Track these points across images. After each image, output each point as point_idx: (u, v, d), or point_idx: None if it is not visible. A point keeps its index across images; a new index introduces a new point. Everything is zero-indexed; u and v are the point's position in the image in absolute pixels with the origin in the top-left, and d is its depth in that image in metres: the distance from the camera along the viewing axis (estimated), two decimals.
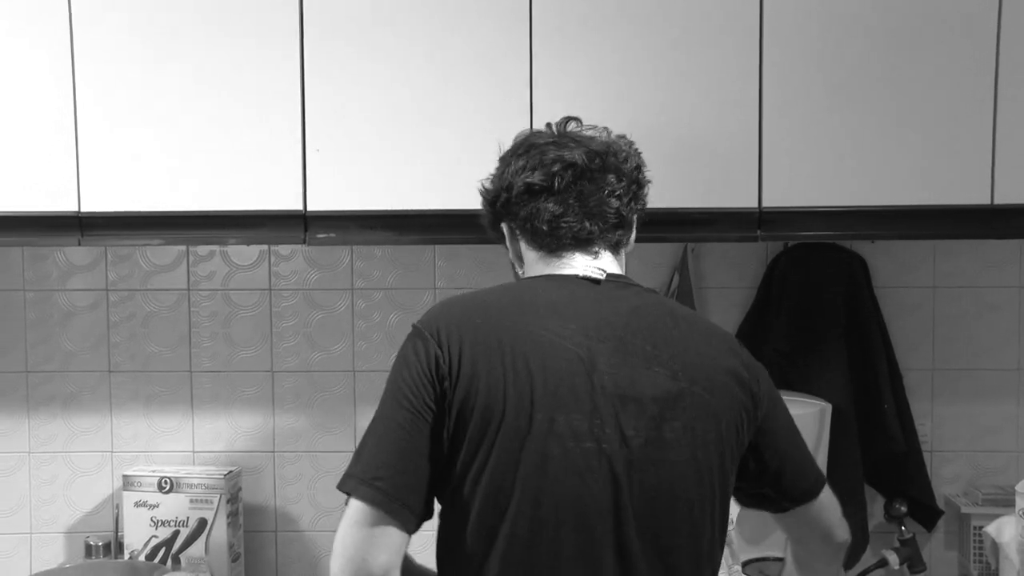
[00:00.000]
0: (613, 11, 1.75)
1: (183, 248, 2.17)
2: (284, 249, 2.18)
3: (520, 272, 1.45)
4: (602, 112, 1.75)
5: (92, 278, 2.18)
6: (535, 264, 1.41)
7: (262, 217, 1.78)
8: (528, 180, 1.38)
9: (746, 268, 2.17)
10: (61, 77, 1.76)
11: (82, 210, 1.77)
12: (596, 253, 1.40)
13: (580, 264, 1.38)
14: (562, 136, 1.42)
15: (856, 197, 1.77)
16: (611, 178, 1.39)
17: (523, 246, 1.43)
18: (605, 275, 1.37)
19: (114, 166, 1.77)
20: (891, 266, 2.16)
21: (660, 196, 1.77)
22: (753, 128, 1.76)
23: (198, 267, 2.18)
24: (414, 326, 1.32)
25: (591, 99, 1.76)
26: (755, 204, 1.77)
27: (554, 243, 1.39)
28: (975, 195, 1.76)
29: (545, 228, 1.38)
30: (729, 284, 2.17)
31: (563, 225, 1.37)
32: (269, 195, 1.78)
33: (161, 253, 2.18)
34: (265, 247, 2.17)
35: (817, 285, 2.07)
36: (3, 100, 1.76)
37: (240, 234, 1.81)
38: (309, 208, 1.77)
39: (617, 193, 1.40)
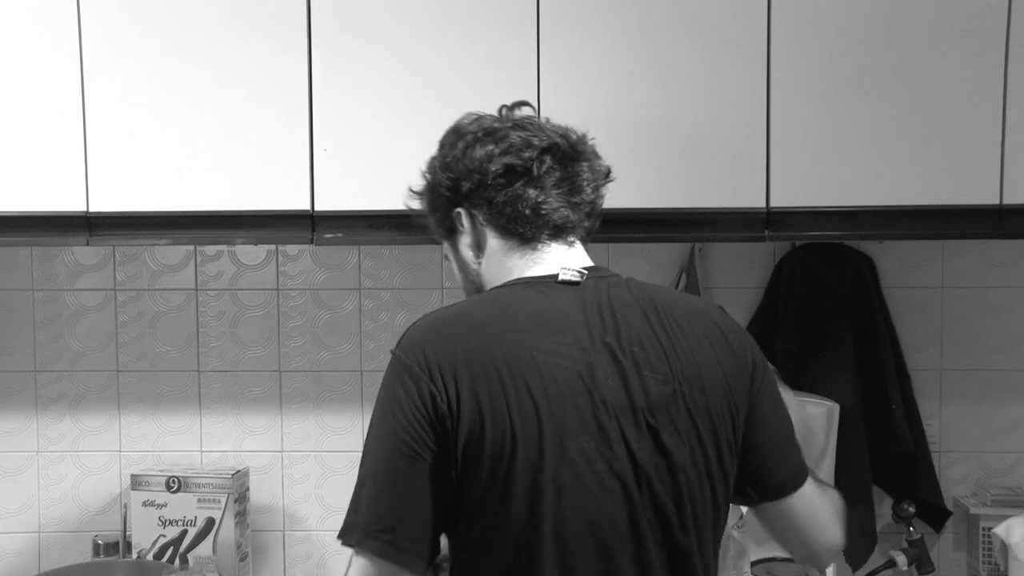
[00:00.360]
0: (620, 8, 1.75)
1: (191, 248, 2.17)
2: (292, 249, 2.18)
3: (475, 263, 1.37)
4: (609, 110, 1.76)
5: (100, 278, 2.19)
6: (501, 255, 1.34)
7: (270, 217, 1.78)
8: (508, 162, 1.31)
9: (754, 268, 2.16)
10: (69, 77, 1.76)
11: (90, 210, 1.78)
12: (572, 243, 1.35)
13: (556, 258, 1.33)
14: (519, 121, 1.36)
15: (864, 197, 1.76)
16: (584, 166, 1.35)
17: (489, 234, 1.35)
18: (584, 275, 1.31)
19: (122, 166, 1.77)
20: (899, 266, 2.15)
21: (667, 196, 1.77)
22: (761, 127, 1.76)
23: (206, 267, 2.19)
24: (397, 357, 1.23)
25: (598, 97, 1.76)
26: (763, 204, 1.76)
27: (532, 231, 1.32)
28: (984, 195, 1.75)
29: (528, 213, 1.31)
30: (736, 284, 2.17)
31: (543, 211, 1.32)
32: (277, 195, 1.78)
33: (169, 253, 2.18)
34: (273, 247, 2.18)
35: (825, 285, 2.07)
36: (12, 100, 1.77)
37: (248, 234, 1.81)
38: (317, 208, 1.77)
39: (593, 183, 1.36)
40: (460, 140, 1.36)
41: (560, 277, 1.30)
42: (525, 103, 1.40)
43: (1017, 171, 1.75)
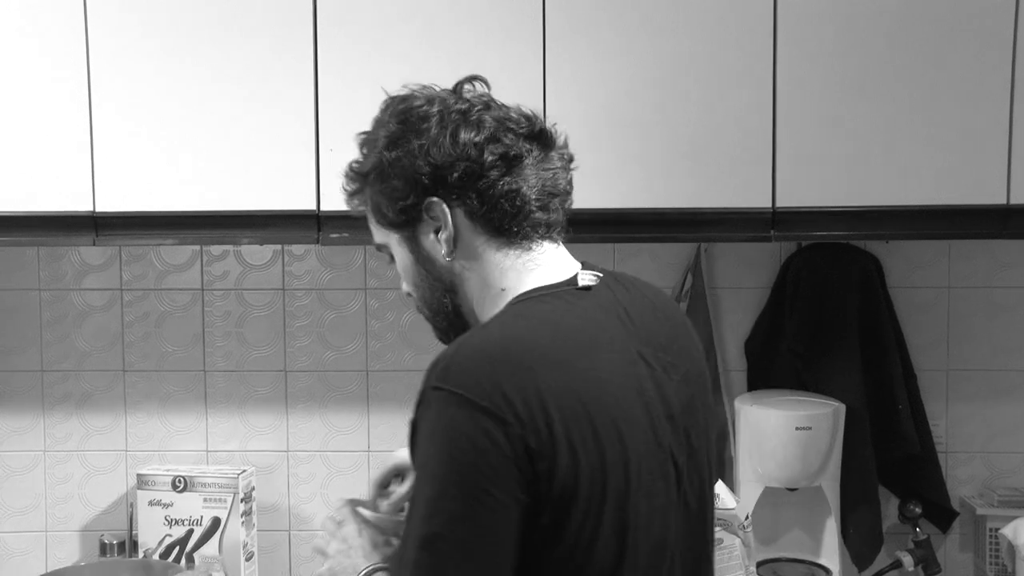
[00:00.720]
0: (626, 8, 1.75)
1: (197, 248, 2.18)
2: (297, 249, 2.18)
3: (446, 260, 1.22)
4: (614, 110, 1.76)
5: (106, 278, 2.19)
6: (489, 253, 1.21)
7: (275, 217, 1.78)
8: (502, 151, 1.18)
9: (760, 268, 2.16)
10: (76, 78, 1.77)
11: (97, 210, 1.78)
12: (557, 241, 1.24)
13: (550, 258, 1.22)
14: (484, 101, 1.24)
15: (870, 197, 1.76)
16: (555, 155, 1.24)
17: (470, 229, 1.21)
18: (599, 278, 1.22)
19: (128, 166, 1.78)
20: (905, 266, 2.15)
21: (673, 196, 1.77)
22: (767, 127, 1.75)
23: (212, 267, 2.19)
24: (460, 397, 1.05)
25: (603, 97, 1.76)
26: (769, 204, 1.76)
27: (526, 229, 1.20)
28: (991, 195, 1.75)
29: (527, 209, 1.19)
30: (742, 284, 2.17)
31: (535, 207, 1.20)
32: (283, 195, 1.78)
33: (175, 253, 2.19)
34: (278, 247, 2.18)
35: (831, 285, 2.07)
36: (19, 101, 1.77)
37: (253, 234, 1.81)
38: (323, 208, 1.77)
39: (566, 173, 1.25)
40: (424, 121, 1.21)
41: (580, 283, 1.20)
42: (477, 78, 1.27)
43: None
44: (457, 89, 1.26)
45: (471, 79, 1.27)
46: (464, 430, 1.04)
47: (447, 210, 1.20)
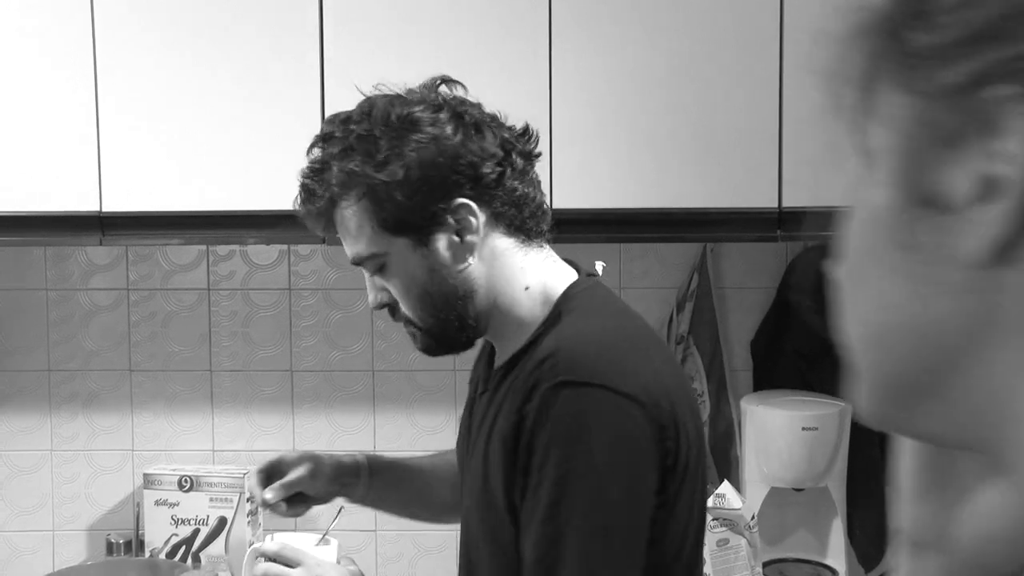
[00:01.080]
0: (630, 6, 1.75)
1: (203, 248, 2.18)
2: (303, 249, 2.18)
3: (462, 264, 1.17)
4: (620, 109, 1.75)
5: (113, 278, 2.19)
6: (509, 254, 1.18)
7: (282, 217, 1.78)
8: (527, 149, 1.19)
9: (765, 268, 2.16)
10: (82, 77, 1.77)
11: (103, 210, 1.78)
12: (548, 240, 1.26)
13: (553, 254, 1.23)
14: (468, 100, 1.23)
15: None
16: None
17: (494, 231, 1.18)
18: (603, 267, 1.27)
19: (135, 166, 1.78)
20: None
21: (679, 196, 1.77)
22: (773, 127, 1.75)
23: (218, 267, 2.19)
24: (605, 388, 1.04)
25: (609, 97, 1.75)
26: (775, 204, 1.76)
27: (541, 226, 1.21)
28: None
29: (543, 206, 1.21)
30: (748, 284, 2.16)
31: (542, 204, 1.22)
32: (289, 195, 1.78)
33: (181, 253, 2.19)
34: (285, 247, 2.18)
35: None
36: (26, 101, 1.78)
37: (260, 234, 1.81)
38: None
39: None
40: (433, 124, 1.16)
41: (600, 272, 1.23)
42: (448, 79, 1.25)
43: None
44: (436, 89, 1.24)
45: (444, 80, 1.24)
46: (614, 419, 1.04)
47: (477, 211, 1.15)
